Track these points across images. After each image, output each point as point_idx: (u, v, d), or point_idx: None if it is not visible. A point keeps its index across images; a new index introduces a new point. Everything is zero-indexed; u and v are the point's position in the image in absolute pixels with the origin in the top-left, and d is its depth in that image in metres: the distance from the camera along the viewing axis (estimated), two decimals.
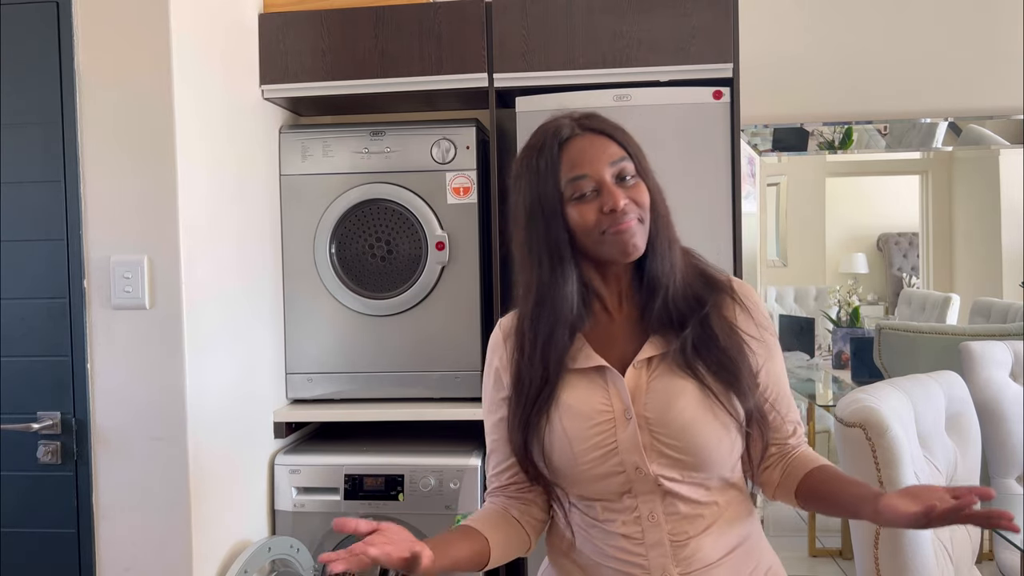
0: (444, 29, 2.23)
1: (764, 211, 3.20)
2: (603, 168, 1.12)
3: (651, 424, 1.11)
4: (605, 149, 1.13)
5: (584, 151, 1.13)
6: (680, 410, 1.10)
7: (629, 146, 1.16)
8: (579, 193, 1.12)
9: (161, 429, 1.79)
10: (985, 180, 3.15)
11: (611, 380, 1.14)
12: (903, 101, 2.96)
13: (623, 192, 1.12)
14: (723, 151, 2.16)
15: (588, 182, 1.12)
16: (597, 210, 1.11)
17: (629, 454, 1.11)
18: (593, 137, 1.14)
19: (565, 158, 1.13)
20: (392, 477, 2.20)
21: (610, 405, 1.12)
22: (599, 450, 1.11)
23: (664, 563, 1.11)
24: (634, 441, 1.11)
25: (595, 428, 1.12)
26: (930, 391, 1.81)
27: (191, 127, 1.85)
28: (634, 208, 1.12)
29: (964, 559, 1.75)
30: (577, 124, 1.15)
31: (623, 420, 1.11)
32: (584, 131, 1.15)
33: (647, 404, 1.12)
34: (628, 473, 1.11)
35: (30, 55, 1.80)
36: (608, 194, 1.11)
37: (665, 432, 1.10)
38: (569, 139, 1.14)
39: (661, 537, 1.12)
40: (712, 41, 2.16)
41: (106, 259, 1.79)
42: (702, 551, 1.12)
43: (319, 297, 2.34)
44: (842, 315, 3.30)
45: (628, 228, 1.11)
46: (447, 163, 2.29)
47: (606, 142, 1.14)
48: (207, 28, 1.95)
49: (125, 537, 1.81)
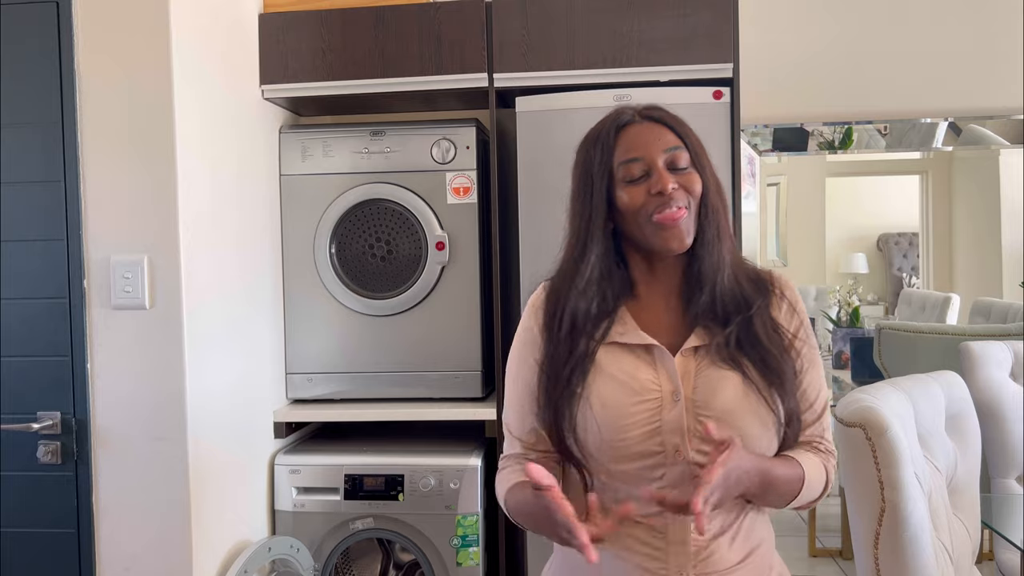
0: (444, 29, 2.23)
1: (764, 211, 3.20)
2: (656, 153, 1.14)
3: (697, 407, 1.11)
4: (661, 136, 1.15)
5: (640, 135, 1.15)
6: (727, 398, 1.11)
7: (687, 137, 1.17)
8: (630, 176, 1.14)
9: (161, 429, 1.80)
10: (985, 180, 3.15)
11: (660, 360, 1.14)
12: (903, 101, 2.96)
13: (673, 178, 1.13)
14: (723, 151, 2.16)
15: (640, 165, 1.14)
16: (646, 192, 1.13)
17: (671, 435, 1.11)
18: (651, 125, 1.17)
19: (621, 142, 1.16)
20: (392, 477, 2.20)
21: (659, 384, 1.13)
22: (643, 427, 1.11)
23: (683, 563, 1.11)
24: (679, 423, 1.11)
25: (642, 404, 1.12)
26: (930, 391, 1.81)
27: (191, 127, 1.85)
28: (683, 195, 1.13)
29: (964, 559, 1.75)
30: (638, 112, 1.18)
31: (671, 401, 1.12)
32: (643, 119, 1.17)
33: (696, 388, 1.12)
34: (667, 453, 1.11)
35: (30, 55, 1.80)
36: (658, 177, 1.12)
37: (709, 417, 1.10)
38: (627, 124, 1.17)
39: (684, 536, 1.11)
40: (712, 41, 2.16)
41: (106, 259, 1.79)
42: (719, 553, 1.12)
43: (319, 297, 2.34)
44: (842, 315, 3.30)
45: (673, 220, 1.12)
46: (447, 163, 2.29)
47: (663, 130, 1.16)
48: (207, 28, 1.95)
49: (125, 537, 1.81)
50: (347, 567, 2.39)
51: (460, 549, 2.19)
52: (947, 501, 1.76)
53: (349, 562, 2.40)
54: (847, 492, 1.59)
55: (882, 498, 1.56)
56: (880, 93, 2.95)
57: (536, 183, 2.21)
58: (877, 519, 1.56)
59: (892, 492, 1.55)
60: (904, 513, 1.54)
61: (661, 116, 1.18)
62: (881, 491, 1.56)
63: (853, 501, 1.58)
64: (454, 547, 2.19)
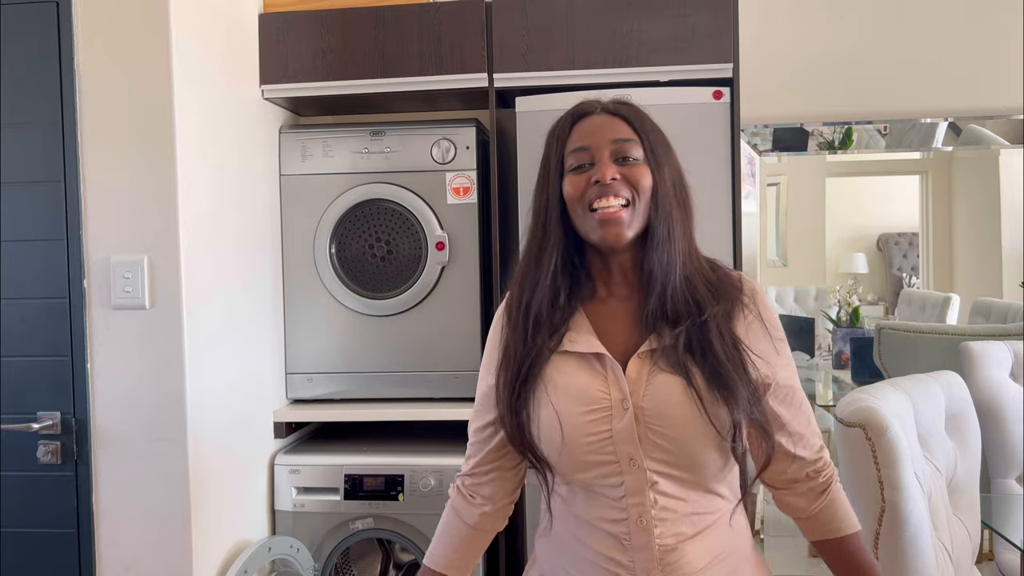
0: (444, 29, 2.23)
1: (764, 211, 3.19)
2: (603, 143, 1.12)
3: (647, 415, 1.09)
4: (613, 126, 1.13)
5: (592, 125, 1.14)
6: (674, 404, 1.08)
7: (645, 132, 1.14)
8: (576, 164, 1.13)
9: (161, 429, 1.80)
10: (985, 180, 3.15)
11: (610, 368, 1.12)
12: (903, 101, 2.96)
13: (618, 169, 1.11)
14: (723, 151, 2.16)
15: (586, 155, 1.12)
16: (587, 181, 1.11)
17: (624, 444, 1.09)
18: (608, 117, 1.15)
19: (575, 132, 1.14)
20: (392, 477, 2.20)
21: (607, 392, 1.10)
22: (593, 436, 1.10)
23: (650, 568, 1.10)
24: (630, 432, 1.09)
25: (590, 414, 1.10)
26: (930, 391, 1.81)
27: (191, 127, 1.85)
28: (625, 188, 1.10)
29: (964, 559, 1.75)
30: (601, 105, 1.16)
31: (620, 410, 1.09)
32: (603, 112, 1.16)
33: (645, 396, 1.09)
34: (621, 464, 1.10)
35: (30, 55, 1.80)
36: (599, 166, 1.11)
37: (660, 424, 1.08)
38: (585, 115, 1.16)
39: (649, 540, 1.10)
40: (712, 41, 2.16)
41: (106, 259, 1.79)
42: (687, 557, 1.10)
43: (319, 297, 2.34)
44: (842, 315, 3.29)
45: (608, 215, 1.09)
46: (447, 163, 2.29)
47: (618, 122, 1.14)
48: (207, 28, 1.95)
49: (125, 537, 1.81)
50: (347, 567, 2.39)
51: None
52: (947, 501, 1.76)
53: (349, 562, 2.39)
54: (847, 492, 1.59)
55: (882, 498, 1.56)
56: (880, 93, 2.95)
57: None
58: (877, 519, 1.56)
59: (892, 492, 1.55)
60: (904, 513, 1.54)
61: (620, 110, 1.16)
62: (881, 491, 1.56)
63: (853, 501, 1.58)
64: None
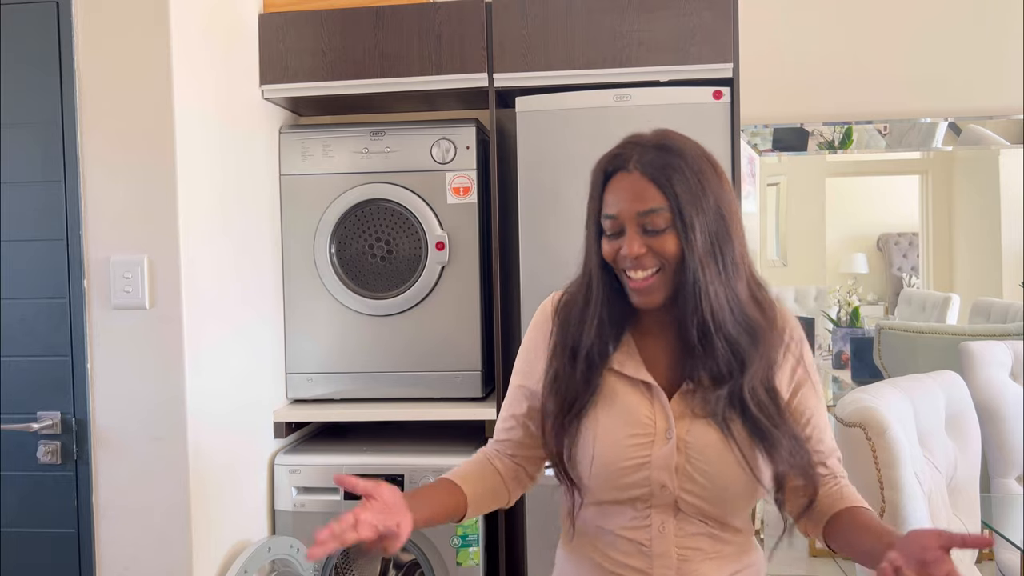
0: (444, 29, 2.23)
1: (764, 211, 3.19)
2: (631, 215, 1.11)
3: (690, 449, 1.12)
4: (641, 196, 1.11)
5: (621, 192, 1.13)
6: (713, 449, 1.12)
7: (674, 193, 1.10)
8: (608, 231, 1.15)
9: (161, 429, 1.79)
10: (985, 180, 3.15)
11: (656, 396, 1.15)
12: (903, 101, 2.95)
13: (644, 240, 1.11)
14: (723, 151, 2.16)
15: (615, 223, 1.13)
16: (618, 250, 1.13)
17: (660, 471, 1.12)
18: (637, 179, 1.11)
19: (608, 194, 1.15)
20: (392, 477, 2.20)
21: (653, 419, 1.14)
22: (631, 460, 1.13)
23: (666, 575, 1.14)
24: (668, 460, 1.12)
25: (632, 438, 1.13)
26: (930, 391, 1.81)
27: (191, 127, 1.85)
28: (651, 260, 1.11)
29: (964, 559, 1.75)
30: (635, 158, 1.12)
31: (663, 438, 1.13)
32: (634, 169, 1.12)
33: (690, 429, 1.13)
34: (653, 488, 1.13)
35: (30, 55, 1.80)
36: (627, 241, 1.12)
37: (701, 459, 1.12)
38: (616, 172, 1.14)
39: (668, 548, 1.14)
40: (712, 41, 2.16)
41: (106, 259, 1.79)
42: (703, 569, 1.15)
43: (319, 297, 2.34)
44: (842, 315, 3.29)
45: (639, 286, 1.12)
46: (447, 163, 2.29)
47: (647, 188, 1.11)
48: (207, 28, 1.95)
49: (125, 537, 1.81)
50: (347, 567, 2.39)
51: (460, 549, 2.19)
52: (947, 501, 1.76)
53: (349, 562, 2.39)
54: None
55: (882, 498, 1.56)
56: (880, 93, 2.95)
57: (536, 183, 2.21)
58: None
59: (892, 492, 1.55)
60: (904, 513, 1.54)
61: (649, 169, 1.11)
62: (881, 491, 1.56)
63: None
64: (454, 547, 2.19)
